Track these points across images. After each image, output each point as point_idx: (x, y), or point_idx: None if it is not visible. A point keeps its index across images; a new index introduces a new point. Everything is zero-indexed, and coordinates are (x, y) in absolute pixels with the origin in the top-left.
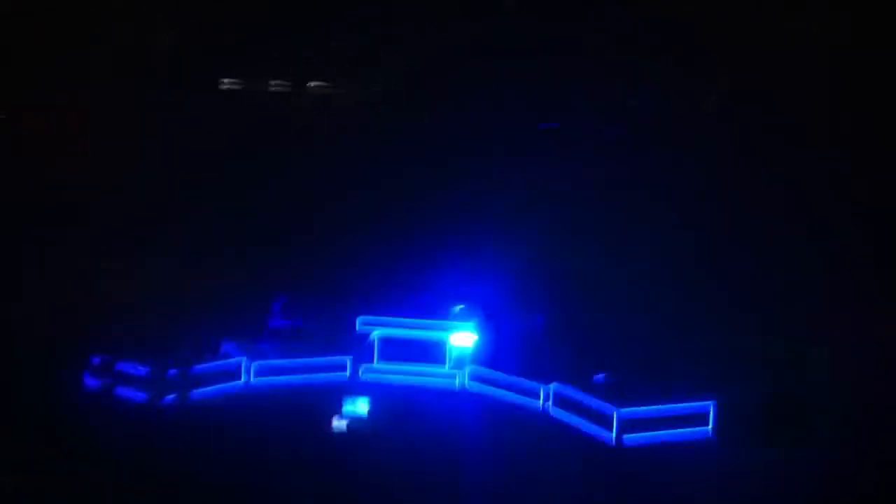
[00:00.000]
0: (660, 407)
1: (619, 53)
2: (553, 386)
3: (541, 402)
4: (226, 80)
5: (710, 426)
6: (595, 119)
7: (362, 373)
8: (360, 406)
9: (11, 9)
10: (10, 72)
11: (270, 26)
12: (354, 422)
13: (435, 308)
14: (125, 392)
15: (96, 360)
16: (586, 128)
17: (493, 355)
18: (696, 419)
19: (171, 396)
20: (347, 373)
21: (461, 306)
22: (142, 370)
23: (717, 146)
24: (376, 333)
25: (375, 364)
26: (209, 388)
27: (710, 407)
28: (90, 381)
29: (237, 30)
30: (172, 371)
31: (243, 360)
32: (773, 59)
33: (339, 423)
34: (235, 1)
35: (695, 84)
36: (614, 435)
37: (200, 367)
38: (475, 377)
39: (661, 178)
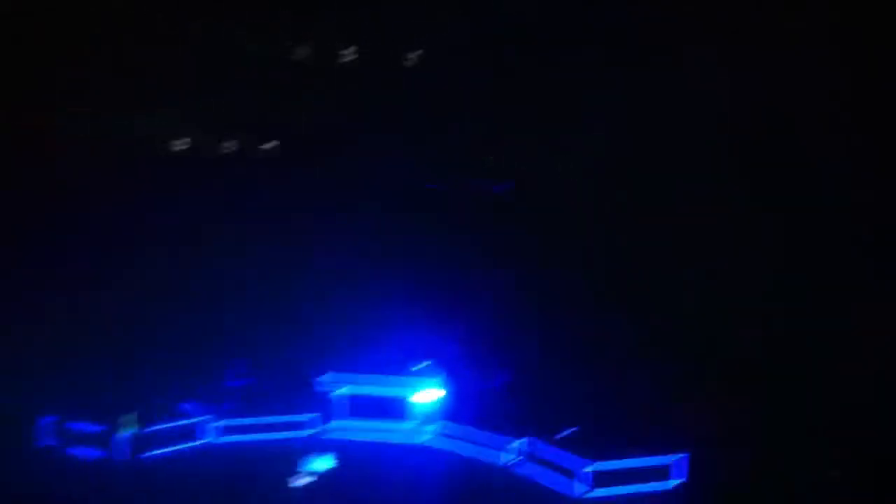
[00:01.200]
0: (630, 460)
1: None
2: (520, 441)
3: (508, 457)
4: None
5: (682, 479)
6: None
7: (326, 430)
8: (322, 464)
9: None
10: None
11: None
12: (317, 479)
13: (398, 365)
14: (78, 451)
15: (47, 420)
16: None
17: (458, 411)
18: (667, 472)
19: (125, 455)
20: (311, 431)
21: (425, 363)
22: (95, 428)
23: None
24: (340, 391)
25: (339, 421)
26: (168, 448)
27: (682, 459)
28: (42, 440)
29: None
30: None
31: (204, 420)
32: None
33: (301, 481)
34: None
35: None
36: (583, 489)
37: (156, 426)
38: (440, 433)
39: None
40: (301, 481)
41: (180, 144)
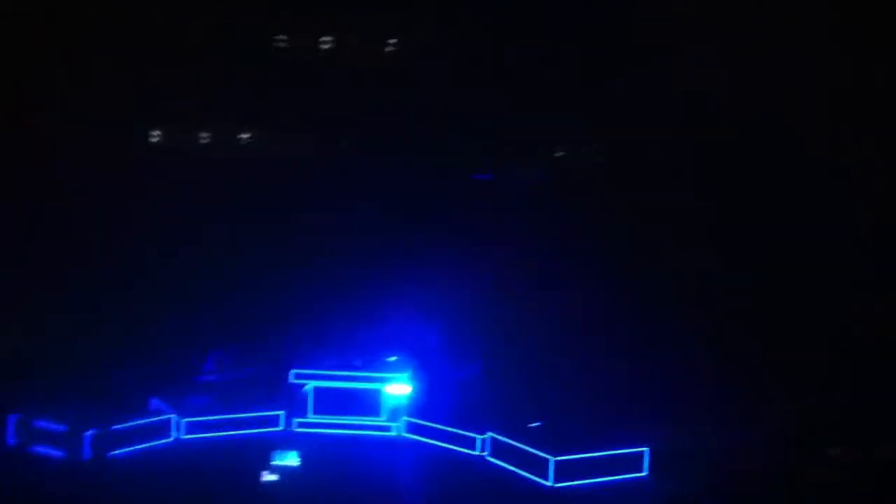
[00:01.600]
0: (595, 453)
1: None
2: (489, 434)
3: (477, 450)
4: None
5: (645, 471)
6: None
7: (296, 426)
8: (290, 459)
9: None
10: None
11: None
12: (286, 474)
13: (368, 360)
14: (43, 450)
15: (13, 418)
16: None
17: (428, 405)
18: (631, 464)
19: (90, 453)
20: (281, 426)
21: (395, 357)
22: (60, 427)
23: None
24: (310, 385)
25: (310, 416)
26: (138, 445)
27: (645, 452)
28: (9, 439)
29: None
30: (91, 429)
31: (173, 417)
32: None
33: (270, 477)
34: None
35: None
36: (550, 481)
37: (124, 424)
38: (411, 427)
39: (589, 225)
40: (271, 476)
41: (155, 137)
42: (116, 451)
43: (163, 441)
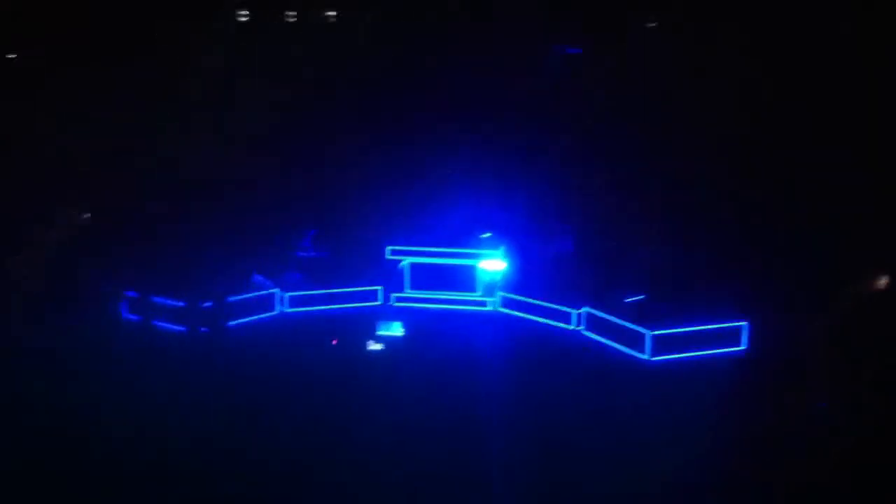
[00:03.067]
0: (692, 327)
1: None
2: (584, 309)
3: (573, 325)
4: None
5: (743, 345)
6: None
7: (394, 300)
8: (395, 329)
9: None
10: None
11: None
12: (390, 344)
13: (463, 236)
14: (162, 324)
15: (132, 294)
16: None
17: (522, 281)
18: (729, 338)
19: (207, 327)
20: (379, 301)
21: (489, 233)
22: (178, 302)
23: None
24: (406, 262)
25: (406, 292)
26: (244, 319)
27: (743, 327)
28: (127, 314)
29: None
30: (207, 303)
31: (276, 291)
32: None
33: (374, 346)
34: None
35: None
36: (647, 355)
37: (234, 298)
38: (506, 303)
39: (686, 103)
40: (373, 347)
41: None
42: (230, 323)
43: (268, 314)
